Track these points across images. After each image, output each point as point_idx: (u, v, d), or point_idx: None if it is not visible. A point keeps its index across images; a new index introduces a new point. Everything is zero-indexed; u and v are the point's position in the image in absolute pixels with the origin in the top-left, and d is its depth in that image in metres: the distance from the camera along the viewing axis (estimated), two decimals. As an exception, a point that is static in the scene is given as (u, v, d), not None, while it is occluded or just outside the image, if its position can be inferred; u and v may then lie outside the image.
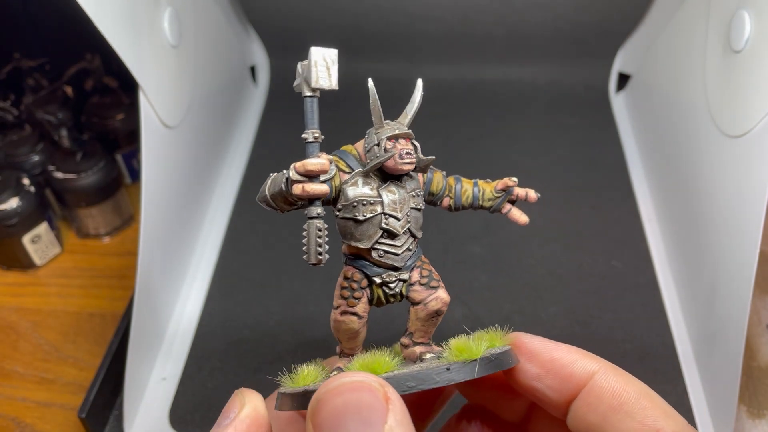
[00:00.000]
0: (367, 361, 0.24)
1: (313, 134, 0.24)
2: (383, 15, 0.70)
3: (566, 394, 0.25)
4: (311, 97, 0.24)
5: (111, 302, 0.55)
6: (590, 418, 0.24)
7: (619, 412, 0.24)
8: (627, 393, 0.24)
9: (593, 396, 0.24)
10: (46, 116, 0.56)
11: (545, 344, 0.26)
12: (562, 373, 0.25)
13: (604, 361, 0.25)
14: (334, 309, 0.26)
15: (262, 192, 0.25)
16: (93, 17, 0.36)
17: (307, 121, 0.24)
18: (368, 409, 0.20)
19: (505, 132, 0.67)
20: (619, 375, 0.25)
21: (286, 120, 0.70)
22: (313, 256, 0.24)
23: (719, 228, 0.44)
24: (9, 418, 0.47)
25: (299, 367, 0.26)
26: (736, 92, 0.44)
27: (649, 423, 0.23)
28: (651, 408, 0.23)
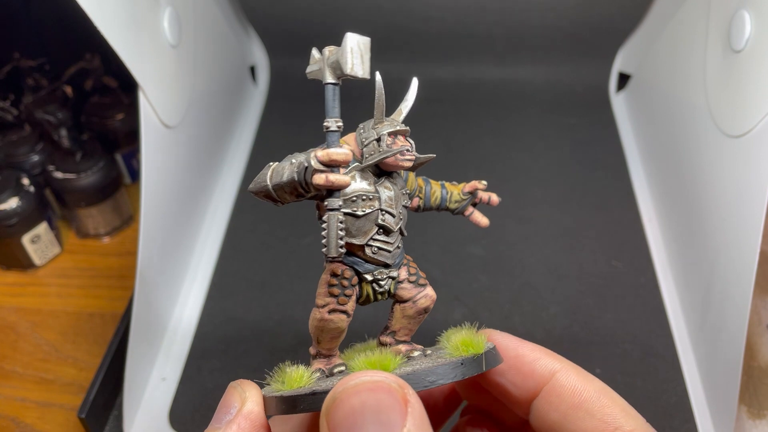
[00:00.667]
0: (374, 359, 0.24)
1: (336, 123, 0.23)
2: (383, 15, 0.70)
3: (528, 391, 0.25)
4: (334, 85, 0.23)
5: (111, 302, 0.54)
6: (552, 416, 0.24)
7: (579, 410, 0.24)
8: (587, 391, 0.24)
9: (554, 394, 0.25)
10: (45, 116, 0.56)
11: (511, 341, 0.26)
12: (524, 370, 0.25)
13: (566, 361, 0.26)
14: (319, 308, 0.25)
15: (261, 182, 0.24)
16: (93, 17, 0.36)
17: (329, 110, 0.23)
18: (387, 410, 0.19)
19: (505, 132, 0.67)
20: (580, 374, 0.25)
21: (285, 120, 0.70)
22: (334, 249, 0.23)
23: (719, 228, 0.44)
24: (9, 418, 0.47)
25: (287, 369, 0.25)
26: (736, 92, 0.44)
27: (608, 421, 0.23)
28: (610, 406, 0.24)
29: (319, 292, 0.25)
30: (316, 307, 0.25)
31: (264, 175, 0.23)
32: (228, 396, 0.24)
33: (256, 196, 0.23)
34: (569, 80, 0.72)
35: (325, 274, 0.25)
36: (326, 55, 0.23)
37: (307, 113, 0.71)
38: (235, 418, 0.23)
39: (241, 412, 0.23)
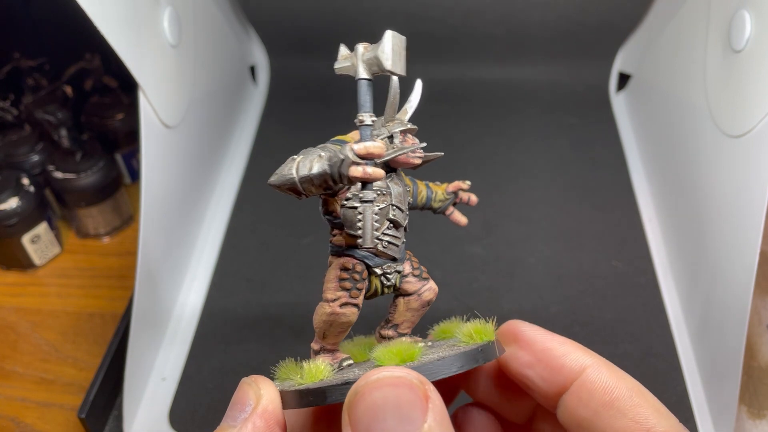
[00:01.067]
0: (398, 348, 0.24)
1: (370, 117, 0.24)
2: (383, 15, 0.70)
3: (556, 385, 0.25)
4: (369, 80, 0.24)
5: (111, 302, 0.54)
6: (581, 412, 0.24)
7: (610, 408, 0.23)
8: (619, 389, 0.24)
9: (585, 390, 0.24)
10: (45, 116, 0.56)
11: (540, 333, 0.26)
12: (554, 364, 0.25)
13: (597, 356, 0.25)
14: (330, 302, 0.25)
15: (286, 176, 0.23)
16: (93, 17, 0.36)
17: (364, 104, 0.24)
18: (408, 405, 0.20)
19: (505, 132, 0.67)
20: (612, 371, 0.24)
21: (285, 120, 0.70)
22: (370, 240, 0.23)
23: (719, 228, 0.44)
24: (9, 418, 0.47)
25: (307, 363, 0.25)
26: (736, 92, 0.44)
27: (641, 420, 0.23)
28: (643, 406, 0.23)
29: (328, 286, 0.25)
30: (326, 302, 0.25)
31: (289, 168, 0.23)
32: (242, 393, 0.23)
33: (278, 189, 0.23)
34: (569, 80, 0.72)
35: (334, 268, 0.25)
36: (360, 52, 0.24)
37: (307, 113, 0.71)
38: (251, 416, 0.22)
39: (257, 410, 0.22)
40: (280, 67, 0.75)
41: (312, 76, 0.74)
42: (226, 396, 0.32)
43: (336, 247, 0.25)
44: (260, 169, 0.64)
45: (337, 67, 0.24)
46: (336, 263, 0.25)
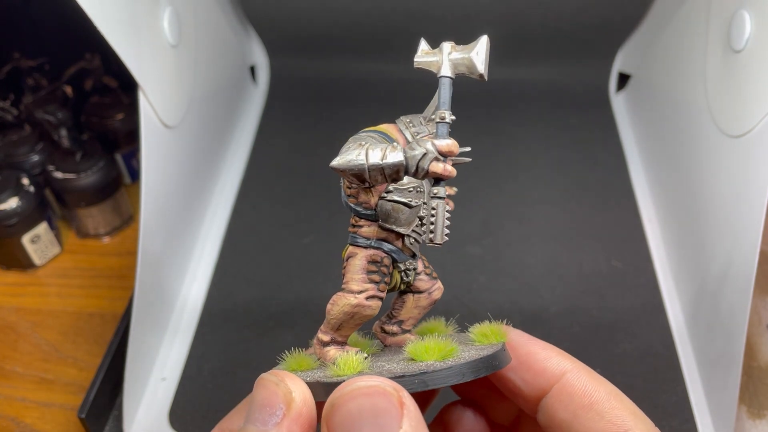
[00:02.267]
0: (437, 346, 0.24)
1: (450, 115, 0.24)
2: (383, 15, 0.70)
3: (538, 388, 0.26)
4: (451, 79, 0.24)
5: (110, 302, 0.54)
6: (561, 414, 0.25)
7: (589, 410, 0.24)
8: (598, 393, 0.24)
9: (564, 393, 0.25)
10: (45, 116, 0.56)
11: (523, 338, 0.27)
12: (536, 367, 0.26)
13: (577, 361, 0.26)
14: (356, 293, 0.25)
15: (356, 162, 0.22)
16: (92, 17, 0.36)
17: (446, 102, 0.24)
18: (383, 413, 0.20)
19: (505, 132, 0.67)
20: (591, 375, 0.25)
21: (286, 120, 0.70)
22: (441, 236, 0.23)
23: (719, 228, 0.44)
24: (9, 418, 0.47)
25: (342, 355, 0.25)
26: (736, 92, 0.44)
27: (618, 423, 0.23)
28: (620, 408, 0.24)
29: (354, 277, 0.25)
30: (350, 293, 0.25)
31: (357, 153, 0.22)
32: (269, 393, 0.22)
33: (342, 173, 0.23)
34: (569, 80, 0.72)
35: (360, 259, 0.25)
36: (447, 50, 0.24)
37: (307, 113, 0.71)
38: (284, 420, 0.21)
39: (291, 414, 0.21)
40: (280, 67, 0.75)
41: (312, 76, 0.74)
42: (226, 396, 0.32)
43: (363, 239, 0.25)
44: (260, 169, 0.64)
45: (418, 60, 0.24)
46: (362, 255, 0.25)
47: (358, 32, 0.72)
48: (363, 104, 0.70)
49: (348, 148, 0.23)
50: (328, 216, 0.58)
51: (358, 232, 0.25)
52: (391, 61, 0.73)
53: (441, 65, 0.24)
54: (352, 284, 0.25)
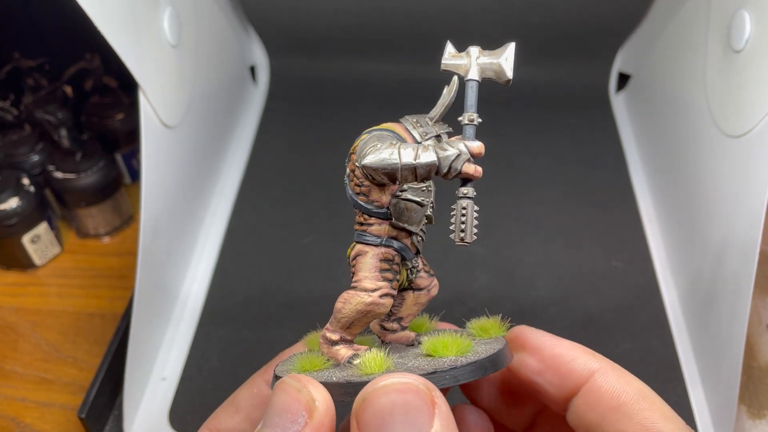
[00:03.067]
0: (451, 340, 0.24)
1: (477, 117, 0.25)
2: (383, 15, 0.70)
3: (566, 390, 0.25)
4: (478, 82, 0.25)
5: (111, 302, 0.54)
6: (589, 416, 0.24)
7: (618, 412, 0.24)
8: (626, 393, 0.24)
9: (593, 395, 0.24)
10: (45, 116, 0.56)
11: (548, 339, 0.26)
12: (563, 370, 0.25)
13: (606, 360, 0.25)
14: (369, 291, 0.25)
15: (387, 160, 0.23)
16: (93, 17, 0.36)
17: (473, 105, 0.25)
18: (415, 411, 0.20)
19: (505, 132, 0.67)
20: (620, 374, 0.25)
21: (286, 120, 0.70)
22: (471, 235, 0.24)
23: (719, 228, 0.44)
24: (9, 418, 0.47)
25: (364, 355, 0.25)
26: (736, 92, 0.44)
27: (647, 425, 0.23)
28: (650, 410, 0.23)
29: (367, 275, 0.25)
30: (363, 291, 0.25)
31: (390, 153, 0.23)
32: (290, 399, 0.21)
33: (374, 171, 0.23)
34: (569, 80, 0.72)
35: (372, 258, 0.25)
36: (475, 54, 0.25)
37: (307, 113, 0.71)
38: (305, 429, 0.21)
39: (313, 423, 0.21)
40: (280, 67, 0.75)
41: (312, 76, 0.74)
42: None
43: (374, 237, 0.25)
44: (260, 168, 0.64)
45: (446, 63, 0.25)
46: (374, 253, 0.25)
47: (358, 32, 0.72)
48: (363, 104, 0.70)
49: (377, 147, 0.23)
50: (328, 216, 0.58)
51: (368, 231, 0.25)
52: (391, 61, 0.73)
53: (469, 69, 0.25)
54: (365, 282, 0.25)
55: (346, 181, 0.25)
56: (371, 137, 0.24)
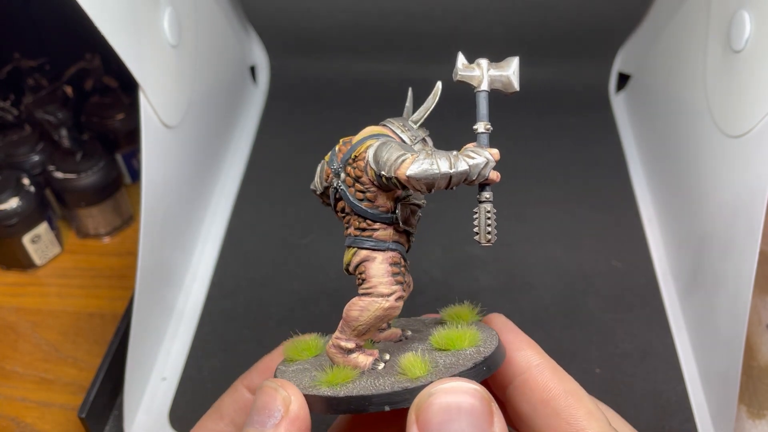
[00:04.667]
0: (464, 333, 0.25)
1: (489, 126, 0.26)
2: (383, 15, 0.70)
3: (504, 376, 0.27)
4: (488, 93, 0.26)
5: (111, 302, 0.55)
6: (523, 407, 0.26)
7: (547, 406, 0.25)
8: (556, 390, 0.25)
9: (527, 386, 0.26)
10: (46, 116, 0.56)
11: (507, 327, 0.28)
12: (506, 356, 0.26)
13: (547, 357, 0.27)
14: (386, 296, 0.25)
15: (430, 170, 0.23)
16: (93, 17, 0.36)
17: (485, 114, 0.26)
18: (479, 414, 0.21)
19: (505, 132, 0.67)
20: (555, 372, 0.26)
21: (286, 120, 0.70)
22: (494, 235, 0.25)
23: (719, 228, 0.44)
24: (9, 418, 0.47)
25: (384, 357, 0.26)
26: (736, 92, 0.44)
27: (572, 422, 0.24)
28: (576, 407, 0.24)
29: (381, 281, 0.25)
30: (380, 296, 0.25)
31: (432, 164, 0.23)
32: (267, 397, 0.23)
33: (416, 182, 0.23)
34: (569, 80, 0.72)
35: (382, 263, 0.25)
36: (486, 67, 0.27)
37: (307, 113, 0.71)
38: (282, 422, 0.22)
39: (288, 417, 0.23)
40: (280, 67, 0.75)
41: (312, 76, 0.74)
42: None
43: (380, 242, 0.25)
44: (260, 168, 0.64)
45: (461, 74, 0.26)
46: (383, 257, 0.25)
47: (358, 32, 0.72)
48: (363, 104, 0.70)
49: (413, 158, 0.23)
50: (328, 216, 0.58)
51: (374, 236, 0.25)
52: (391, 61, 0.73)
53: (482, 80, 0.26)
54: (381, 288, 0.25)
55: (341, 187, 0.25)
56: (385, 145, 0.24)
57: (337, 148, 0.26)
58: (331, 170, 0.26)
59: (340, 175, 0.26)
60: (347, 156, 0.25)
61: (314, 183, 0.28)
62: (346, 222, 0.26)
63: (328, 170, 0.27)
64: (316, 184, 0.28)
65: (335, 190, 0.26)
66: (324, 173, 0.27)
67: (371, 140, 0.25)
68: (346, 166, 0.25)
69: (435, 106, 0.28)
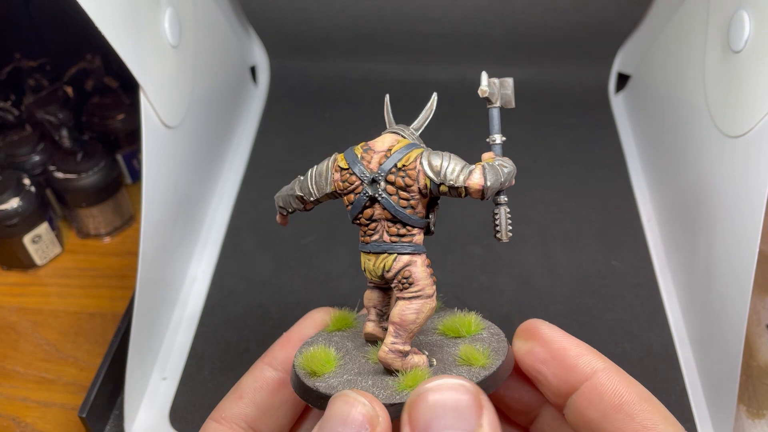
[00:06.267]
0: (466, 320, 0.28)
1: (504, 137, 0.29)
2: (383, 15, 0.71)
3: (568, 383, 0.26)
4: (499, 108, 0.29)
5: (111, 302, 0.55)
6: (590, 413, 0.25)
7: (620, 411, 0.24)
8: (629, 394, 0.25)
9: (595, 392, 0.25)
10: (46, 116, 0.56)
11: (557, 333, 0.27)
12: (567, 363, 0.26)
13: (610, 362, 0.26)
14: (431, 297, 0.26)
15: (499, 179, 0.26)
16: (93, 17, 0.36)
17: (498, 127, 0.29)
18: (465, 408, 0.22)
19: (505, 132, 0.67)
20: (623, 376, 0.25)
21: (286, 120, 0.70)
22: (511, 232, 0.28)
23: (718, 228, 0.44)
24: (9, 417, 0.47)
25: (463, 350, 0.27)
26: (735, 92, 0.44)
27: (649, 426, 0.24)
28: (651, 411, 0.24)
29: (427, 282, 0.26)
30: (429, 298, 0.26)
31: (498, 174, 0.26)
32: (351, 410, 0.22)
33: (487, 191, 0.26)
34: (569, 81, 0.72)
35: (423, 266, 0.27)
36: (498, 85, 0.29)
37: (307, 114, 0.71)
38: None
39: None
40: (280, 67, 0.75)
41: (312, 77, 0.74)
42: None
43: (418, 246, 0.27)
44: (260, 169, 0.64)
45: (488, 92, 0.29)
46: (422, 261, 0.27)
47: (358, 33, 0.72)
48: (363, 104, 0.70)
49: (486, 170, 0.25)
50: (328, 216, 0.58)
51: (414, 241, 0.27)
52: (390, 61, 0.73)
53: (498, 97, 0.29)
54: (427, 289, 0.26)
55: (383, 196, 0.26)
56: (437, 154, 0.26)
57: (359, 155, 0.26)
58: (358, 177, 0.26)
59: (380, 184, 0.26)
60: (390, 165, 0.26)
61: (302, 188, 0.28)
62: (372, 229, 0.27)
63: (343, 176, 0.27)
64: (310, 191, 0.28)
65: (365, 198, 0.26)
66: (329, 180, 0.27)
67: (415, 150, 0.26)
68: (388, 174, 0.26)
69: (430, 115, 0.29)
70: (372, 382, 0.26)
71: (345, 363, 0.28)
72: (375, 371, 0.27)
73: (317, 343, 0.29)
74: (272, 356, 0.30)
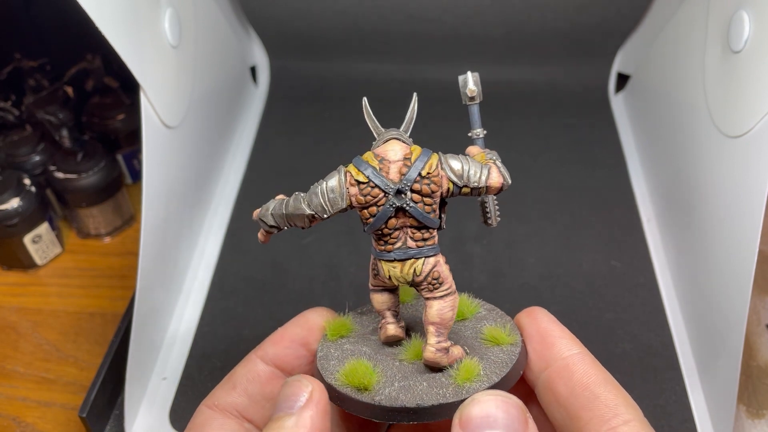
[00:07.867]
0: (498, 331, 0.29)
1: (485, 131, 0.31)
2: (383, 15, 0.71)
3: (544, 359, 0.28)
4: (478, 104, 0.31)
5: (111, 302, 0.55)
6: (559, 388, 0.27)
7: (586, 389, 0.27)
8: (597, 377, 0.27)
9: (567, 370, 0.27)
10: (46, 116, 0.56)
11: (550, 318, 0.30)
12: (548, 341, 0.29)
13: (587, 350, 0.29)
14: (455, 292, 0.28)
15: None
16: (93, 17, 0.36)
17: (480, 122, 0.31)
18: (515, 421, 0.24)
19: (505, 132, 0.67)
20: (595, 363, 0.28)
21: (286, 120, 0.70)
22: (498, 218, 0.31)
23: (719, 228, 0.44)
24: (9, 417, 0.47)
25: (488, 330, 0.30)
26: (735, 92, 0.44)
27: (610, 406, 0.26)
28: (615, 395, 0.26)
29: (451, 281, 0.28)
30: (455, 293, 0.28)
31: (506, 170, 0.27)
32: (292, 388, 0.26)
33: (506, 187, 0.27)
34: (568, 81, 0.72)
35: (445, 264, 0.28)
36: (479, 82, 0.31)
37: (307, 114, 0.71)
38: (308, 404, 0.25)
39: (313, 400, 0.25)
40: (280, 67, 0.75)
41: (312, 77, 0.74)
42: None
43: (436, 246, 0.28)
44: (260, 169, 0.64)
45: (477, 90, 0.31)
46: (443, 260, 0.28)
47: (359, 33, 0.72)
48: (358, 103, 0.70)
49: (499, 168, 0.27)
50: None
51: (436, 242, 0.28)
52: (390, 61, 0.73)
53: (478, 95, 0.31)
54: (453, 285, 0.28)
55: (410, 205, 0.26)
56: (452, 158, 0.27)
57: (377, 168, 0.26)
58: (381, 190, 0.26)
59: (407, 194, 0.26)
60: (414, 174, 0.26)
61: (313, 207, 0.28)
62: (394, 237, 0.27)
63: (363, 190, 0.26)
64: (323, 207, 0.28)
65: (391, 209, 0.26)
66: (344, 195, 0.27)
67: (432, 156, 0.26)
68: (413, 183, 0.26)
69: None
70: (427, 384, 0.27)
71: (383, 369, 0.28)
72: (417, 371, 0.28)
73: (337, 356, 0.29)
74: (264, 351, 0.32)
